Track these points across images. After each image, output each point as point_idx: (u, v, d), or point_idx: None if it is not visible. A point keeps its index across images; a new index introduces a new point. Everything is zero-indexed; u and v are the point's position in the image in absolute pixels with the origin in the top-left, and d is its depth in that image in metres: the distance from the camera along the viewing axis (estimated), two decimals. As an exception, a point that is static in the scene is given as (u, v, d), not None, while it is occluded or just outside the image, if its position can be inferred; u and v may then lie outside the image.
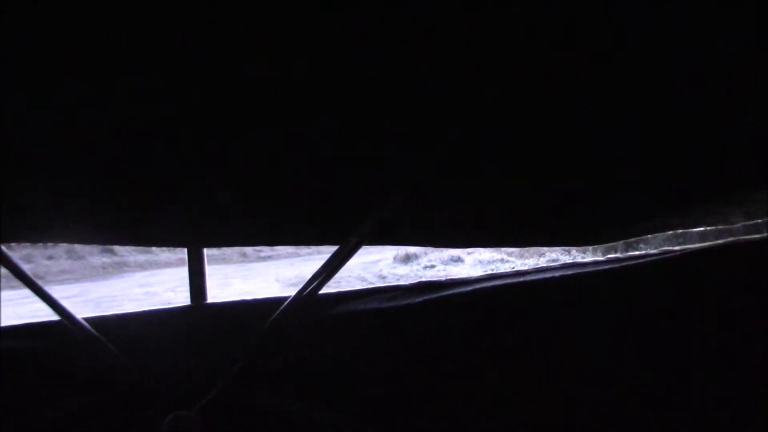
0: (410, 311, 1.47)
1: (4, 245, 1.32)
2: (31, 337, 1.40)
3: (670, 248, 1.57)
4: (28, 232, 1.37)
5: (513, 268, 1.96)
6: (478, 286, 1.50)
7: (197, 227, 1.43)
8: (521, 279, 1.52)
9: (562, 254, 9.63)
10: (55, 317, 1.36)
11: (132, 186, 1.28)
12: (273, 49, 1.01)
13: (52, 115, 1.08)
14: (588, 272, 1.52)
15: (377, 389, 1.46)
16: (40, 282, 1.37)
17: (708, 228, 1.54)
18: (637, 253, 1.60)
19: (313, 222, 1.43)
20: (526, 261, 10.55)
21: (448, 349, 1.48)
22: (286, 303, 1.40)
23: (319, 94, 1.12)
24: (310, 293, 1.40)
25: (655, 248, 1.64)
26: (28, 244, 1.41)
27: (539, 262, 9.46)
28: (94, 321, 1.38)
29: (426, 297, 1.49)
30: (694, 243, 1.64)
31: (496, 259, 11.25)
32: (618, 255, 1.62)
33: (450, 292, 1.50)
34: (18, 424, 1.33)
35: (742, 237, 1.56)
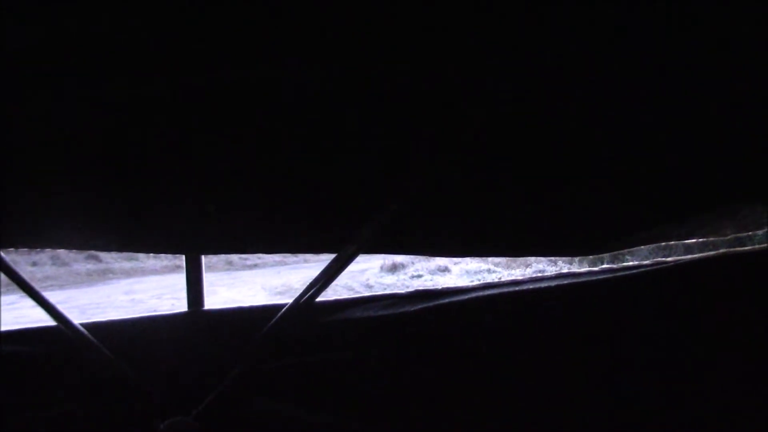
0: (406, 319, 1.49)
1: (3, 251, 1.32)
2: (28, 342, 1.39)
3: (663, 259, 1.60)
4: (25, 237, 1.37)
5: (499, 278, 1.98)
6: (474, 294, 1.52)
7: (195, 234, 1.44)
8: (517, 288, 1.54)
9: (548, 265, 9.67)
10: (51, 322, 1.36)
11: (130, 193, 1.28)
12: (269, 55, 1.02)
13: (49, 123, 1.08)
14: (583, 282, 1.54)
15: (374, 395, 1.47)
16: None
17: (694, 240, 1.57)
18: (630, 263, 1.62)
19: (312, 230, 1.44)
20: (513, 271, 10.57)
21: (443, 356, 1.50)
22: (283, 310, 1.41)
23: (317, 102, 1.13)
24: (307, 300, 1.41)
25: (641, 260, 1.66)
26: (12, 250, 1.40)
27: (525, 273, 9.50)
28: (91, 326, 1.38)
29: (422, 305, 1.51)
30: (679, 255, 1.67)
31: (483, 269, 11.25)
32: (612, 266, 1.65)
33: (446, 300, 1.52)
34: (15, 428, 1.33)
35: (733, 248, 1.59)
